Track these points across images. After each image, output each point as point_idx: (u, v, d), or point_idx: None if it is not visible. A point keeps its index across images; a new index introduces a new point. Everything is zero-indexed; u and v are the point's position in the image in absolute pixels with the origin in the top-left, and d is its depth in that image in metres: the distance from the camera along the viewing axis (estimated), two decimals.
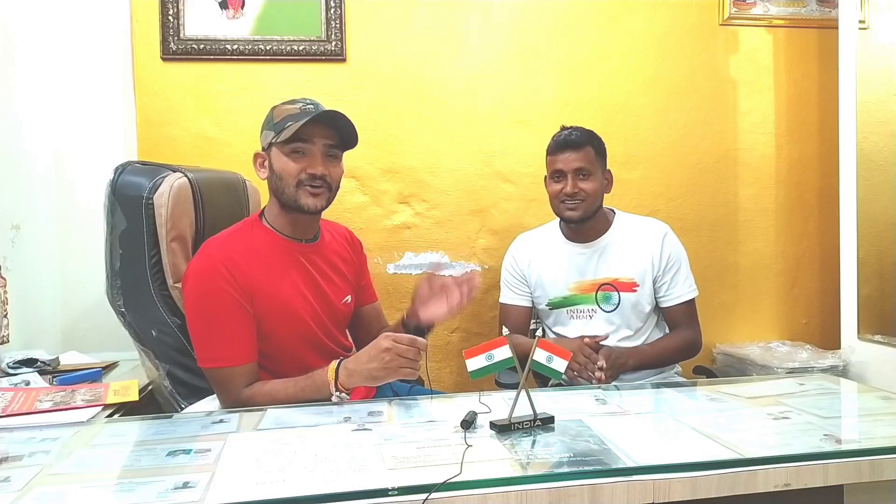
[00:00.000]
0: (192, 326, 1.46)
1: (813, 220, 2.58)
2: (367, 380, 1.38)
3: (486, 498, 0.96)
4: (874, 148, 2.18)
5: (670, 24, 2.47)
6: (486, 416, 1.24)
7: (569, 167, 1.83)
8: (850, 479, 1.07)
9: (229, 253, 1.47)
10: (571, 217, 1.85)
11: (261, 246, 1.52)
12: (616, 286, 1.88)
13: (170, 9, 2.22)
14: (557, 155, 1.86)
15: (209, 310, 1.43)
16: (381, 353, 1.34)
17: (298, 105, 1.51)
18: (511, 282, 2.01)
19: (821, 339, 2.53)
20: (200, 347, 1.45)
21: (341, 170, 1.57)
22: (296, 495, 0.94)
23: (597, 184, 1.85)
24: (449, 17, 2.37)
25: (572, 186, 1.82)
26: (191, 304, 1.46)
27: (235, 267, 1.44)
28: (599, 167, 1.87)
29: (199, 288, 1.44)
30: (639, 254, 1.89)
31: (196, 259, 1.49)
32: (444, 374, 2.37)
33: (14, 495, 0.96)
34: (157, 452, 1.12)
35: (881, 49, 2.20)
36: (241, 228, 1.56)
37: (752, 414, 1.33)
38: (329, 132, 1.51)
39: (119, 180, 1.60)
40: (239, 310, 1.44)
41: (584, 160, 1.83)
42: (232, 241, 1.51)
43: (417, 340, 1.35)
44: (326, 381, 1.38)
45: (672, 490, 1.00)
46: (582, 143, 1.84)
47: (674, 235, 1.93)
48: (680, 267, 1.90)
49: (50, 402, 1.47)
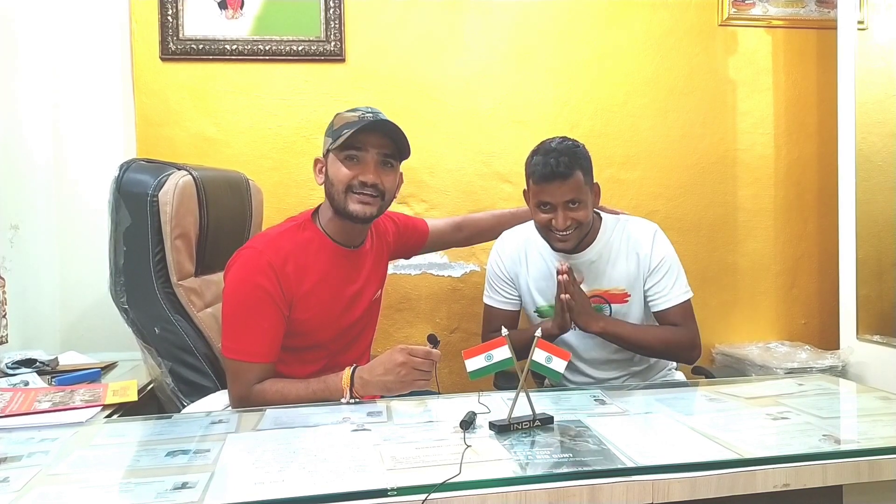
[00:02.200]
0: (226, 314, 1.48)
1: (812, 221, 2.58)
2: (381, 391, 1.41)
3: (486, 498, 0.96)
4: (873, 148, 2.18)
5: (669, 24, 2.47)
6: (485, 417, 1.24)
7: (557, 200, 1.64)
8: (849, 479, 1.07)
9: (278, 253, 1.48)
10: (563, 249, 1.71)
11: (310, 249, 1.53)
12: (606, 298, 1.79)
13: (169, 9, 2.22)
14: (543, 185, 1.65)
15: (246, 303, 1.45)
16: (397, 367, 1.36)
17: (358, 113, 1.52)
18: (497, 284, 1.87)
19: (820, 340, 2.53)
20: (228, 337, 1.47)
21: (396, 178, 1.57)
22: (295, 496, 0.94)
23: (587, 210, 1.68)
24: (449, 17, 2.37)
25: (563, 220, 1.64)
26: (230, 293, 1.48)
27: (281, 268, 1.47)
28: (588, 188, 1.69)
29: (241, 280, 1.47)
30: (628, 259, 1.77)
31: (245, 251, 1.50)
32: (444, 374, 2.36)
33: (13, 496, 0.96)
34: (157, 453, 1.12)
35: (880, 49, 2.20)
36: (293, 228, 1.56)
37: (751, 414, 1.33)
38: (384, 141, 1.52)
39: (124, 177, 1.61)
40: (274, 310, 1.46)
41: (574, 190, 1.64)
42: (283, 240, 1.52)
43: (432, 353, 1.38)
44: (340, 387, 1.41)
45: (671, 490, 1.00)
46: (571, 172, 1.63)
47: (663, 235, 1.80)
48: (671, 268, 1.76)
49: (49, 402, 1.46)
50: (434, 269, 2.39)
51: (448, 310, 2.40)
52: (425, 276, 2.39)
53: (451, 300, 2.40)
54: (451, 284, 2.40)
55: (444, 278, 2.39)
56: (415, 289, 2.39)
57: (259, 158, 2.28)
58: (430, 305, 2.40)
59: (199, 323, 1.63)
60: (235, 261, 1.50)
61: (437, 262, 2.38)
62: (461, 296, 2.40)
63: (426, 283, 2.39)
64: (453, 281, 2.40)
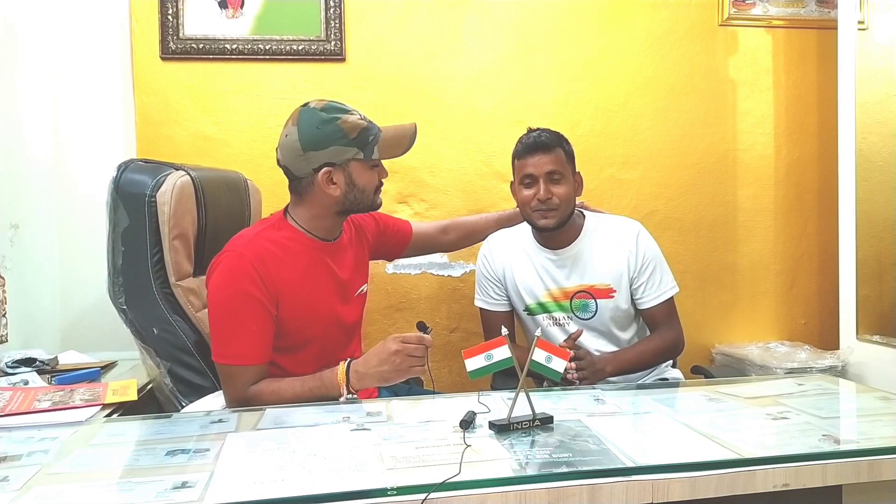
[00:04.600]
0: (213, 320, 1.48)
1: (812, 221, 2.58)
2: (377, 382, 1.42)
3: (485, 498, 0.96)
4: (873, 148, 2.18)
5: (670, 24, 2.47)
6: (485, 416, 1.24)
7: (540, 171, 1.73)
8: (848, 479, 1.07)
9: (260, 252, 1.48)
10: (546, 226, 1.76)
11: (288, 246, 1.53)
12: (592, 293, 1.81)
13: (169, 8, 2.22)
14: (527, 158, 1.75)
15: (233, 308, 1.45)
16: (392, 356, 1.37)
17: (355, 115, 1.53)
18: (486, 286, 1.92)
19: (819, 340, 2.53)
20: (217, 342, 1.47)
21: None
22: (294, 495, 0.94)
23: (569, 188, 1.76)
24: (449, 16, 2.37)
25: (545, 192, 1.72)
26: (215, 300, 1.47)
27: (265, 268, 1.46)
28: (570, 170, 1.78)
29: (226, 285, 1.46)
30: (613, 257, 1.81)
31: (226, 256, 1.49)
32: (444, 374, 2.37)
33: (13, 495, 0.96)
34: (156, 452, 1.12)
35: (880, 49, 2.20)
36: (268, 228, 1.56)
37: (751, 414, 1.33)
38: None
39: (122, 178, 1.60)
40: (261, 312, 1.45)
41: (556, 163, 1.74)
42: (261, 240, 1.51)
43: (424, 338, 1.39)
44: (336, 382, 1.41)
45: (671, 490, 1.00)
46: (552, 145, 1.74)
47: (647, 234, 1.85)
48: (656, 266, 1.81)
49: (48, 401, 1.46)
50: (434, 268, 2.39)
51: (448, 309, 2.41)
52: (425, 275, 2.39)
53: (451, 300, 2.40)
54: (451, 284, 2.40)
55: (444, 278, 2.39)
56: (415, 288, 2.39)
57: (259, 158, 2.28)
58: (430, 305, 2.40)
59: (197, 323, 1.63)
60: (217, 265, 1.49)
61: (437, 262, 2.38)
62: (461, 295, 2.40)
63: (426, 283, 2.39)
64: (453, 280, 2.40)
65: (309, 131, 1.49)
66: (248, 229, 1.60)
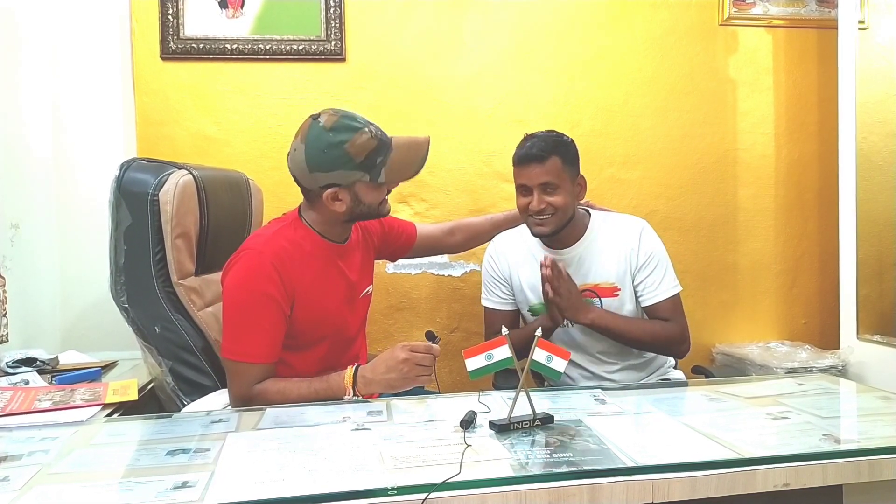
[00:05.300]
0: (227, 316, 1.48)
1: (812, 220, 2.58)
2: (384, 388, 1.43)
3: (485, 498, 0.96)
4: (873, 148, 2.18)
5: (670, 24, 2.47)
6: (485, 416, 1.24)
7: (533, 182, 1.71)
8: (849, 479, 1.07)
9: (278, 251, 1.48)
10: (541, 233, 1.76)
11: (304, 246, 1.54)
12: (597, 292, 1.81)
13: (169, 8, 2.22)
14: (521, 168, 1.73)
15: (248, 306, 1.45)
16: (400, 365, 1.39)
17: (366, 134, 1.47)
18: (492, 285, 1.92)
19: (820, 339, 2.53)
20: (228, 338, 1.47)
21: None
22: (295, 495, 0.94)
23: (565, 196, 1.72)
24: (449, 16, 2.37)
25: (538, 202, 1.70)
26: (232, 297, 1.47)
27: (283, 267, 1.46)
28: (568, 177, 1.73)
29: (244, 283, 1.46)
30: (617, 255, 1.80)
31: (245, 254, 1.49)
32: (444, 373, 2.37)
33: (13, 494, 0.96)
34: (157, 452, 1.12)
35: (881, 49, 2.20)
36: (285, 227, 1.56)
37: (752, 414, 1.33)
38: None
39: (125, 177, 1.61)
40: (276, 311, 1.46)
41: (550, 174, 1.70)
42: (279, 239, 1.51)
43: (433, 348, 1.41)
44: (343, 386, 1.42)
45: (671, 490, 1.00)
46: (546, 155, 1.70)
47: (651, 231, 1.83)
48: (658, 263, 1.79)
49: (49, 401, 1.47)
50: (434, 268, 2.39)
51: (448, 309, 2.41)
52: (425, 275, 2.39)
53: (451, 300, 2.40)
54: (452, 284, 2.40)
55: (445, 278, 2.40)
56: (415, 288, 2.39)
57: (259, 158, 2.28)
58: (431, 305, 2.40)
59: (199, 322, 1.64)
60: (235, 263, 1.49)
61: (437, 262, 2.38)
62: (461, 295, 2.40)
63: (426, 283, 2.39)
64: (454, 280, 2.40)
65: (315, 154, 1.46)
66: (265, 228, 1.61)
